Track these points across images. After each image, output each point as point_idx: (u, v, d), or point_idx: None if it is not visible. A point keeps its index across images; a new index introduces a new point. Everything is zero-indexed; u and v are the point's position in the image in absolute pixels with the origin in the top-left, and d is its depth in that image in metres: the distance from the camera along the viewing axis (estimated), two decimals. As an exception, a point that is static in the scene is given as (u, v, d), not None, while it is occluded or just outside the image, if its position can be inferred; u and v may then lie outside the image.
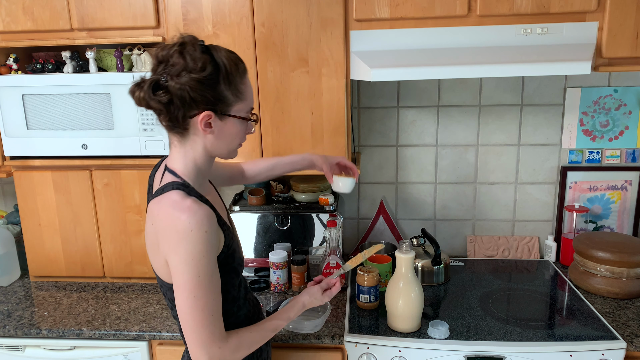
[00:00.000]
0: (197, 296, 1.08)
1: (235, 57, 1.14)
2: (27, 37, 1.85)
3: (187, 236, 1.06)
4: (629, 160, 2.11)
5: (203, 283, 1.09)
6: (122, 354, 1.72)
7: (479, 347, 1.53)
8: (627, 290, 1.77)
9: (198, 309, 1.09)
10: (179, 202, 1.09)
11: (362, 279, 1.73)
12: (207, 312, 1.10)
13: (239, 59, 1.15)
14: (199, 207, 1.08)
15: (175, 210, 1.08)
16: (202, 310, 1.09)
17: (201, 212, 1.08)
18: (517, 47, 1.65)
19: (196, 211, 1.07)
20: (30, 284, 2.07)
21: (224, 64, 1.10)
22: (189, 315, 1.09)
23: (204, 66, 1.07)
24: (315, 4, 1.69)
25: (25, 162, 1.94)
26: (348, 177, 1.61)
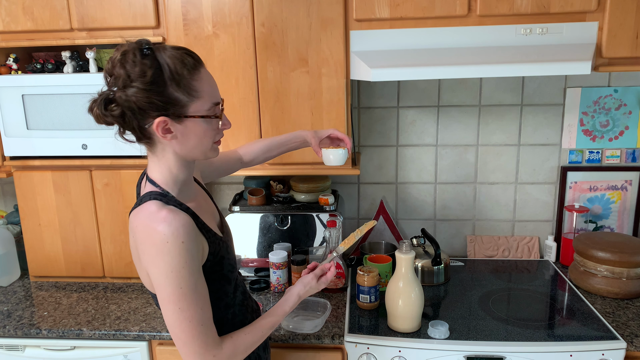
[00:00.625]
0: (182, 308, 1.06)
1: (181, 54, 1.06)
2: (27, 37, 1.85)
3: (164, 248, 1.03)
4: (629, 160, 2.11)
5: (187, 294, 1.06)
6: (122, 354, 1.72)
7: (479, 347, 1.53)
8: (627, 290, 1.77)
9: (186, 320, 1.06)
10: (154, 213, 1.06)
11: (362, 279, 1.73)
12: (196, 323, 1.07)
13: (187, 54, 1.07)
14: (174, 217, 1.05)
15: (151, 222, 1.05)
16: (190, 322, 1.07)
17: (177, 222, 1.04)
18: (517, 47, 1.65)
19: (171, 222, 1.04)
20: (30, 284, 2.07)
21: (167, 65, 1.03)
22: (177, 329, 1.07)
23: (143, 72, 1.01)
24: (315, 4, 1.69)
25: (25, 162, 1.94)
26: (338, 149, 1.55)
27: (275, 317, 1.26)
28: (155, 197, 1.10)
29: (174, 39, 1.76)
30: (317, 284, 1.35)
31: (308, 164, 1.85)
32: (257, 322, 1.23)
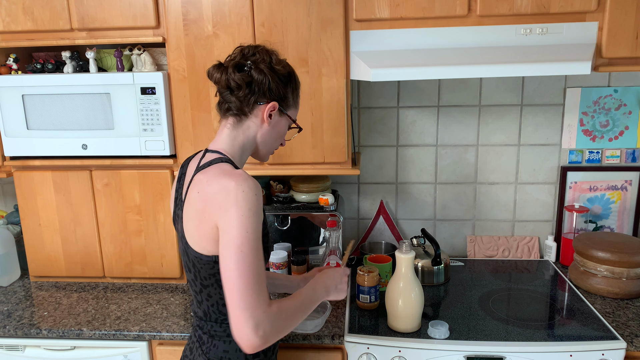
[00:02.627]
0: (244, 252, 1.09)
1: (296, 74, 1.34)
2: (27, 37, 1.85)
3: (238, 195, 1.11)
4: (629, 160, 2.11)
5: (251, 240, 1.11)
6: (122, 354, 1.72)
7: (479, 347, 1.53)
8: (627, 290, 1.77)
9: (245, 265, 1.09)
10: (229, 170, 1.17)
11: (362, 279, 1.73)
12: (253, 271, 1.09)
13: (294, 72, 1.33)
14: (248, 176, 1.16)
15: (226, 177, 1.14)
16: (249, 268, 1.09)
17: (251, 180, 1.15)
18: (517, 47, 1.65)
19: (246, 178, 1.15)
20: (30, 284, 2.07)
21: (295, 75, 1.31)
22: (235, 273, 1.08)
23: (285, 67, 1.27)
24: (315, 4, 1.69)
25: (25, 162, 1.94)
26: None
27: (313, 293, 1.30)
28: (228, 161, 1.23)
29: (174, 39, 1.76)
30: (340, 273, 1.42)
31: (308, 164, 1.85)
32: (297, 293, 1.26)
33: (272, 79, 1.24)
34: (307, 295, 1.27)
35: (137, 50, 1.84)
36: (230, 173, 1.16)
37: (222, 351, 1.26)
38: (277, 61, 1.27)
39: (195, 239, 1.20)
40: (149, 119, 1.82)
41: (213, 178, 1.16)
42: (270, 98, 1.25)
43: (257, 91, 1.24)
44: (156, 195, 1.91)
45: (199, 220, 1.18)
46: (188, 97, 1.80)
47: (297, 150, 1.82)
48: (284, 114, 1.30)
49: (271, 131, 1.29)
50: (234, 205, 1.11)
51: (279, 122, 1.30)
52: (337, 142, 1.80)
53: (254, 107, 1.25)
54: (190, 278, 1.27)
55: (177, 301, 1.89)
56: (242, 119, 1.27)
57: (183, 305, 1.86)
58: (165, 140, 1.84)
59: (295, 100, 1.32)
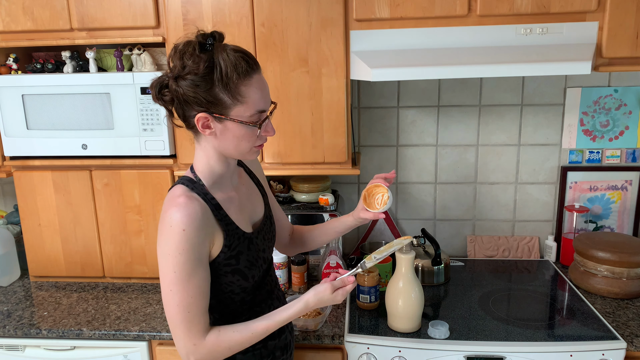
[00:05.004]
0: (173, 291, 1.10)
1: (237, 57, 1.08)
2: (27, 37, 1.84)
3: (166, 231, 1.09)
4: (629, 160, 2.11)
5: (180, 279, 1.10)
6: (122, 354, 1.72)
7: (479, 347, 1.53)
8: (627, 290, 1.77)
9: (174, 303, 1.11)
10: (174, 197, 1.12)
11: (362, 279, 1.73)
12: (183, 308, 1.11)
13: (242, 58, 1.08)
14: (187, 204, 1.09)
15: (168, 204, 1.11)
16: (177, 306, 1.11)
17: (186, 210, 1.08)
18: (517, 47, 1.65)
19: (181, 208, 1.08)
20: (30, 284, 2.07)
21: (220, 65, 1.06)
22: (167, 307, 1.12)
23: (197, 67, 1.06)
24: (315, 4, 1.69)
25: (25, 162, 1.94)
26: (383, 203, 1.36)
27: (271, 321, 1.19)
28: (183, 182, 1.17)
29: (174, 39, 1.75)
30: (333, 295, 1.21)
31: (308, 164, 1.85)
32: (251, 322, 1.19)
33: (185, 89, 1.07)
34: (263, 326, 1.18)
35: (137, 50, 1.84)
36: (172, 201, 1.10)
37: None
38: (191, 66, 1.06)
39: None
40: (148, 118, 1.82)
41: (164, 204, 1.14)
42: (196, 109, 1.09)
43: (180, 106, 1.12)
44: (156, 195, 1.91)
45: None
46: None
47: (297, 150, 1.82)
48: (225, 119, 1.10)
49: (223, 139, 1.13)
50: (163, 241, 1.10)
51: (225, 129, 1.11)
52: (337, 142, 1.80)
53: (190, 121, 1.13)
54: None
55: (177, 301, 1.89)
56: (196, 132, 1.16)
57: (183, 305, 1.86)
58: (165, 140, 1.84)
59: (236, 97, 1.08)
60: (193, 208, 1.10)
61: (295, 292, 1.92)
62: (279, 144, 1.82)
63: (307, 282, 1.94)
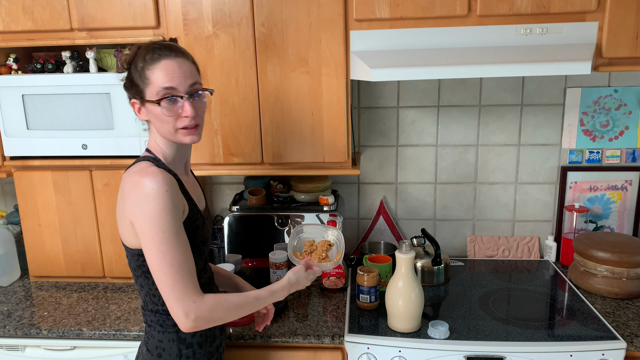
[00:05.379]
0: (164, 251, 1.15)
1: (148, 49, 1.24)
2: (27, 37, 1.85)
3: (149, 195, 1.15)
4: (629, 160, 2.11)
5: (168, 238, 1.15)
6: (122, 354, 1.72)
7: (479, 347, 1.53)
8: (627, 290, 1.77)
9: (167, 263, 1.15)
10: (144, 169, 1.20)
11: (362, 279, 1.73)
12: (176, 267, 1.15)
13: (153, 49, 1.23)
14: (160, 172, 1.19)
15: (139, 175, 1.18)
16: (170, 265, 1.15)
17: (162, 175, 1.18)
18: (517, 47, 1.65)
19: (157, 174, 1.17)
20: (30, 284, 2.07)
21: (135, 55, 1.25)
22: (160, 272, 1.15)
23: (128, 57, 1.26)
24: (315, 4, 1.69)
25: (25, 162, 1.94)
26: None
27: (263, 291, 1.31)
28: (147, 159, 1.26)
29: (174, 39, 1.75)
30: (306, 274, 1.39)
31: (308, 164, 1.85)
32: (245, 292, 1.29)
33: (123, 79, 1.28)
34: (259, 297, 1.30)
35: (137, 50, 1.84)
36: (143, 171, 1.19)
37: (157, 341, 1.30)
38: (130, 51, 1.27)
39: (123, 235, 1.27)
40: (149, 119, 1.81)
41: (129, 176, 1.21)
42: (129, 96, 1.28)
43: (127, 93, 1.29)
44: (156, 195, 1.91)
45: (121, 217, 1.25)
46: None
47: (297, 150, 1.82)
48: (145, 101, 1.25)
49: (153, 121, 1.27)
50: (146, 206, 1.15)
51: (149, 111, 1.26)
52: (337, 142, 1.80)
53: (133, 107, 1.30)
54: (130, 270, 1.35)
55: (177, 301, 1.89)
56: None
57: (183, 305, 1.86)
58: (165, 140, 1.83)
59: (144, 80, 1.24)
60: (167, 175, 1.20)
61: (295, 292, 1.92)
62: (279, 144, 1.82)
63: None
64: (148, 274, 1.24)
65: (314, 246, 1.51)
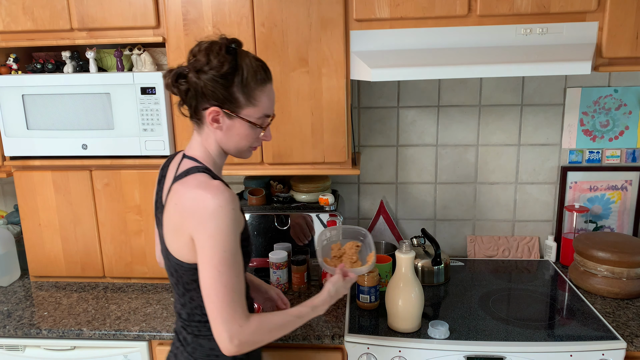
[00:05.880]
0: (221, 271, 1.12)
1: (258, 66, 1.20)
2: (27, 37, 1.85)
3: (216, 212, 1.11)
4: (629, 160, 2.11)
5: (228, 258, 1.12)
6: (122, 354, 1.72)
7: (479, 347, 1.53)
8: (627, 290, 1.77)
9: (222, 284, 1.11)
10: (206, 182, 1.16)
11: (362, 279, 1.73)
12: (230, 289, 1.12)
13: (262, 69, 1.21)
14: (225, 188, 1.15)
15: (203, 190, 1.14)
16: (224, 286, 1.12)
17: (227, 192, 1.15)
18: (517, 47, 1.65)
19: (224, 190, 1.14)
20: (30, 284, 2.07)
21: (243, 69, 1.17)
22: (212, 291, 1.12)
23: (221, 66, 1.15)
24: (315, 4, 1.69)
25: (25, 162, 1.94)
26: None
27: (304, 307, 1.28)
28: (202, 171, 1.21)
29: (174, 39, 1.76)
30: (344, 283, 1.36)
31: (308, 164, 1.85)
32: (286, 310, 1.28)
33: (206, 82, 1.16)
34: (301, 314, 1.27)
35: (137, 50, 1.84)
36: (206, 185, 1.15)
37: (208, 349, 1.27)
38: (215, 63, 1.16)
39: (175, 248, 1.21)
40: (149, 118, 1.82)
41: (189, 190, 1.16)
42: (211, 102, 1.18)
43: (195, 97, 1.19)
44: (156, 195, 1.91)
45: (177, 232, 1.19)
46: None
47: (297, 150, 1.82)
48: (235, 116, 1.20)
49: (227, 135, 1.22)
50: (210, 221, 1.11)
51: (233, 125, 1.21)
52: (337, 142, 1.80)
53: (200, 113, 1.21)
54: (173, 282, 1.28)
55: (177, 301, 1.89)
56: (199, 124, 1.24)
57: (183, 305, 1.86)
58: (165, 140, 1.84)
59: (250, 99, 1.19)
60: (230, 191, 1.16)
61: (295, 292, 1.92)
62: (279, 144, 1.82)
63: (307, 282, 1.94)
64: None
65: (341, 249, 1.47)
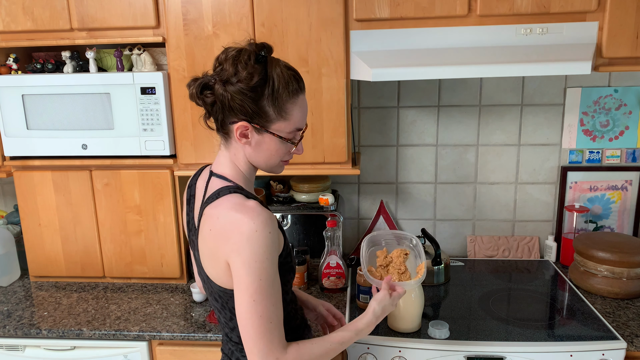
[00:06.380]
0: (256, 301, 1.05)
1: (289, 76, 1.10)
2: (27, 37, 1.85)
3: (252, 237, 1.04)
4: (629, 160, 2.11)
5: (264, 287, 1.05)
6: (122, 354, 1.72)
7: (479, 347, 1.53)
8: (627, 290, 1.77)
9: (257, 314, 1.05)
10: (240, 204, 1.07)
11: (362, 279, 1.73)
12: (266, 319, 1.06)
13: (294, 78, 1.11)
14: (261, 209, 1.07)
15: (237, 212, 1.06)
16: (260, 317, 1.05)
17: (264, 213, 1.06)
18: (517, 47, 1.65)
19: (260, 212, 1.06)
20: (30, 284, 2.07)
21: (273, 80, 1.08)
22: (247, 321, 1.05)
23: (250, 77, 1.06)
24: (315, 4, 1.69)
25: (25, 162, 1.94)
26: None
27: (347, 332, 1.20)
28: (235, 191, 1.12)
29: (174, 39, 1.76)
30: (391, 299, 1.27)
31: (308, 164, 1.85)
32: (326, 336, 1.18)
33: (233, 96, 1.07)
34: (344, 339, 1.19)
35: (137, 50, 1.84)
36: (241, 208, 1.06)
37: None
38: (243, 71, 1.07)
39: (214, 275, 1.15)
40: (149, 119, 1.82)
41: (224, 214, 1.08)
42: (239, 117, 1.09)
43: (221, 111, 1.10)
44: (156, 195, 1.91)
45: (214, 258, 1.12)
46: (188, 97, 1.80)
47: (297, 150, 1.82)
48: (266, 131, 1.11)
49: (256, 150, 1.14)
50: (247, 248, 1.04)
51: (263, 140, 1.13)
52: (337, 142, 1.80)
53: (227, 127, 1.13)
54: (218, 306, 1.21)
55: (177, 301, 1.89)
56: (227, 138, 1.15)
57: (183, 305, 1.86)
58: (165, 140, 1.84)
59: (280, 112, 1.10)
60: (267, 212, 1.07)
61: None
62: (279, 144, 1.82)
63: (307, 282, 1.95)
64: None
65: (388, 257, 1.39)
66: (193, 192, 1.24)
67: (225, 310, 1.18)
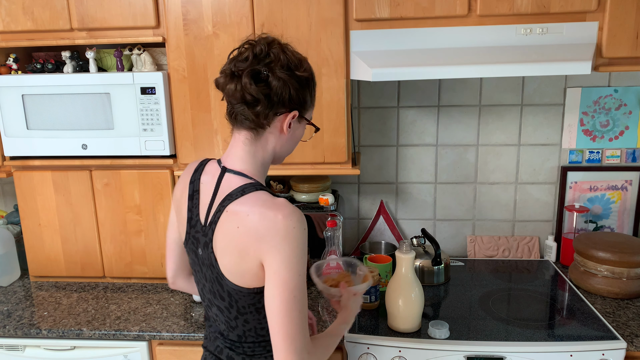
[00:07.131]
0: (296, 297, 1.03)
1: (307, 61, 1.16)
2: (27, 37, 1.85)
3: (290, 235, 1.03)
4: (629, 160, 2.11)
5: (303, 283, 1.05)
6: (122, 354, 1.72)
7: (479, 347, 1.53)
8: (627, 290, 1.77)
9: (296, 310, 1.03)
10: (271, 201, 1.06)
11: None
12: (303, 316, 1.05)
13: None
14: (293, 206, 1.06)
15: (270, 210, 1.04)
16: (299, 313, 1.04)
17: (297, 210, 1.06)
18: (517, 47, 1.65)
19: (293, 209, 1.05)
20: (30, 284, 2.07)
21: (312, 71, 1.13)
22: (286, 319, 1.03)
23: (303, 66, 1.09)
24: (315, 4, 1.69)
25: (25, 162, 1.94)
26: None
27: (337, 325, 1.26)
28: (260, 188, 1.10)
29: (174, 39, 1.76)
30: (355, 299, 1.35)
31: (308, 164, 1.85)
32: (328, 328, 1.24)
33: (292, 86, 1.07)
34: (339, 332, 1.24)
35: (137, 50, 1.84)
36: (273, 205, 1.05)
37: None
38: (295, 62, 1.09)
39: (236, 274, 1.10)
40: (149, 119, 1.82)
41: (255, 210, 1.05)
42: (291, 107, 1.10)
43: (276, 102, 1.08)
44: (156, 195, 1.91)
45: (241, 257, 1.08)
46: (188, 97, 1.80)
47: (297, 150, 1.82)
48: (303, 119, 1.16)
49: (290, 139, 1.16)
50: (285, 245, 1.03)
51: (298, 128, 1.17)
52: (337, 142, 1.80)
53: (271, 119, 1.10)
54: (224, 306, 1.17)
55: (177, 301, 1.89)
56: (260, 132, 1.12)
57: (183, 305, 1.86)
58: (165, 140, 1.84)
59: (313, 101, 1.17)
60: (298, 210, 1.07)
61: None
62: (279, 144, 1.82)
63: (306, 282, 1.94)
64: (261, 309, 1.12)
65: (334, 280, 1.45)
66: (197, 188, 1.19)
67: (231, 309, 1.16)
